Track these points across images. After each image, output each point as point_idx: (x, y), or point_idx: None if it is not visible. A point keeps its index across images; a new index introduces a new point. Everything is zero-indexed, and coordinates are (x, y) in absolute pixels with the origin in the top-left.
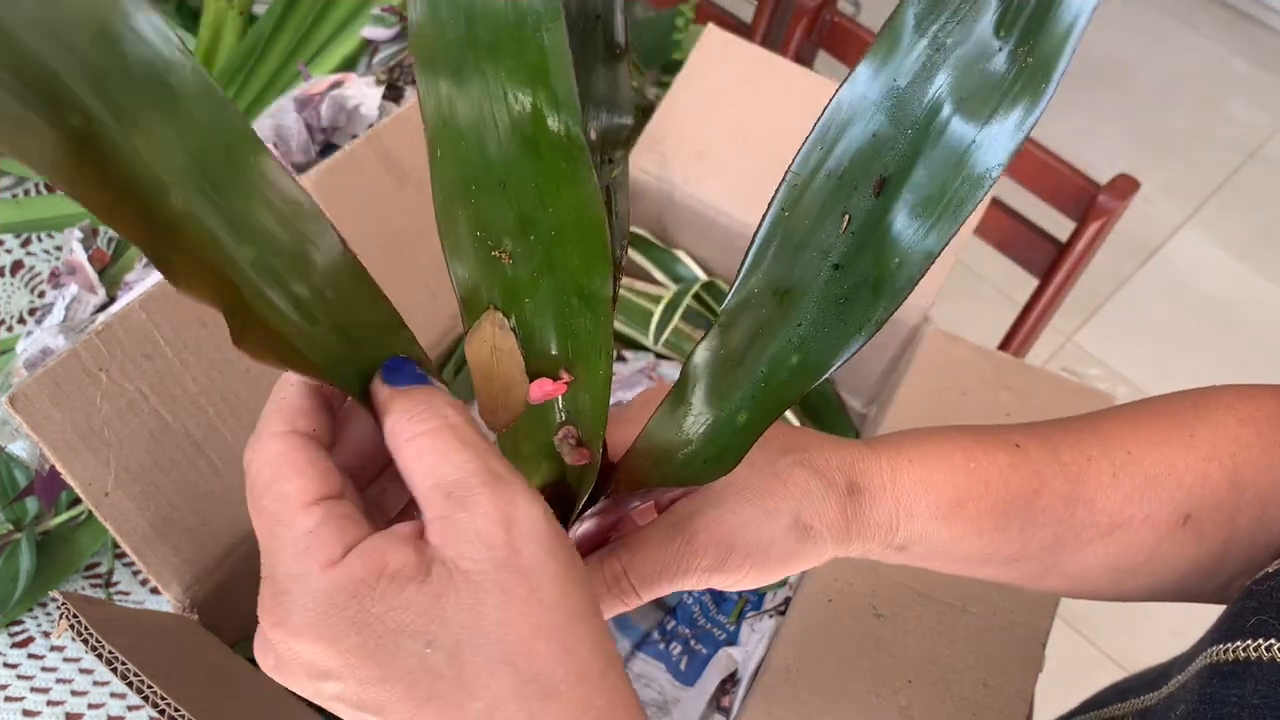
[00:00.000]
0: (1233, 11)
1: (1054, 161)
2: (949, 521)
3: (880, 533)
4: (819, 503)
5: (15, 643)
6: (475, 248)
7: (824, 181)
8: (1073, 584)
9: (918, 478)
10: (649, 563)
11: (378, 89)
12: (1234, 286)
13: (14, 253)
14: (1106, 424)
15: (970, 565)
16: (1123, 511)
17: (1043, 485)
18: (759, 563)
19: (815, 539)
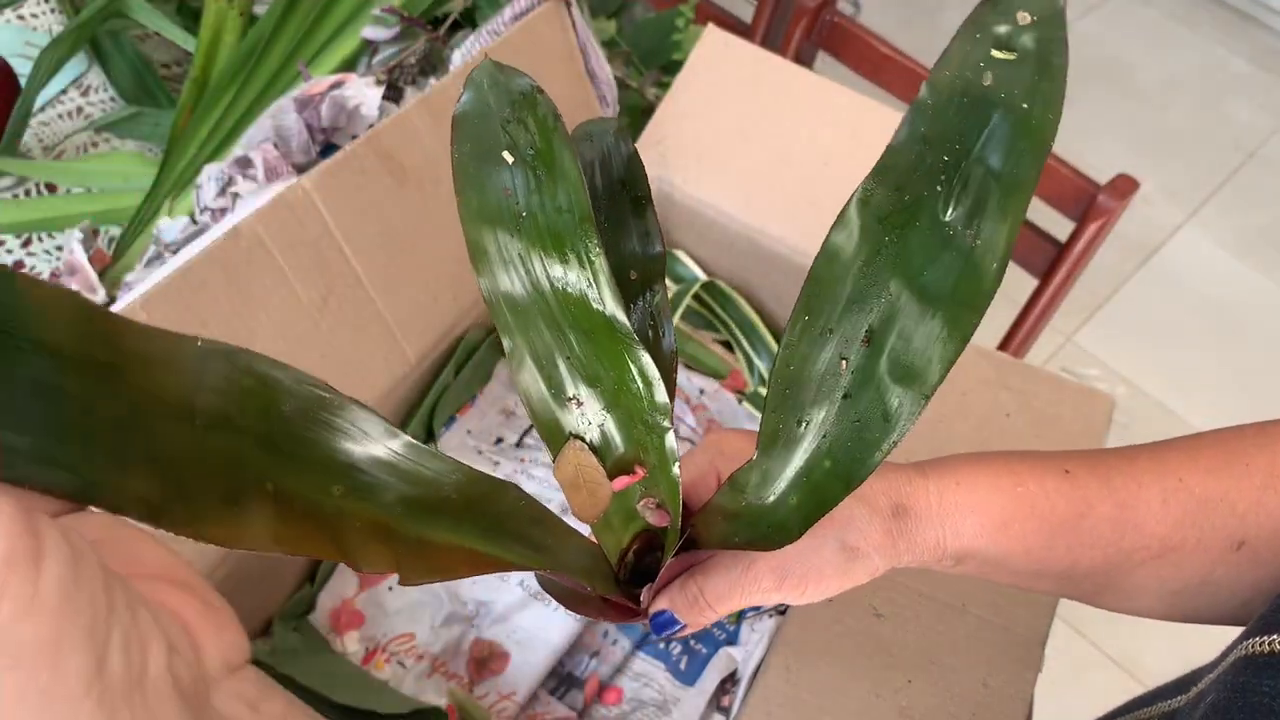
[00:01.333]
0: (1232, 12)
1: (1054, 161)
2: (995, 540)
3: (929, 550)
4: (863, 527)
5: None
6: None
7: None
8: (1131, 603)
9: (964, 501)
10: (720, 584)
11: (378, 89)
12: (1234, 286)
13: (15, 253)
14: (1163, 451)
15: (1026, 579)
16: (1173, 536)
17: (1090, 509)
18: (815, 582)
19: (863, 558)
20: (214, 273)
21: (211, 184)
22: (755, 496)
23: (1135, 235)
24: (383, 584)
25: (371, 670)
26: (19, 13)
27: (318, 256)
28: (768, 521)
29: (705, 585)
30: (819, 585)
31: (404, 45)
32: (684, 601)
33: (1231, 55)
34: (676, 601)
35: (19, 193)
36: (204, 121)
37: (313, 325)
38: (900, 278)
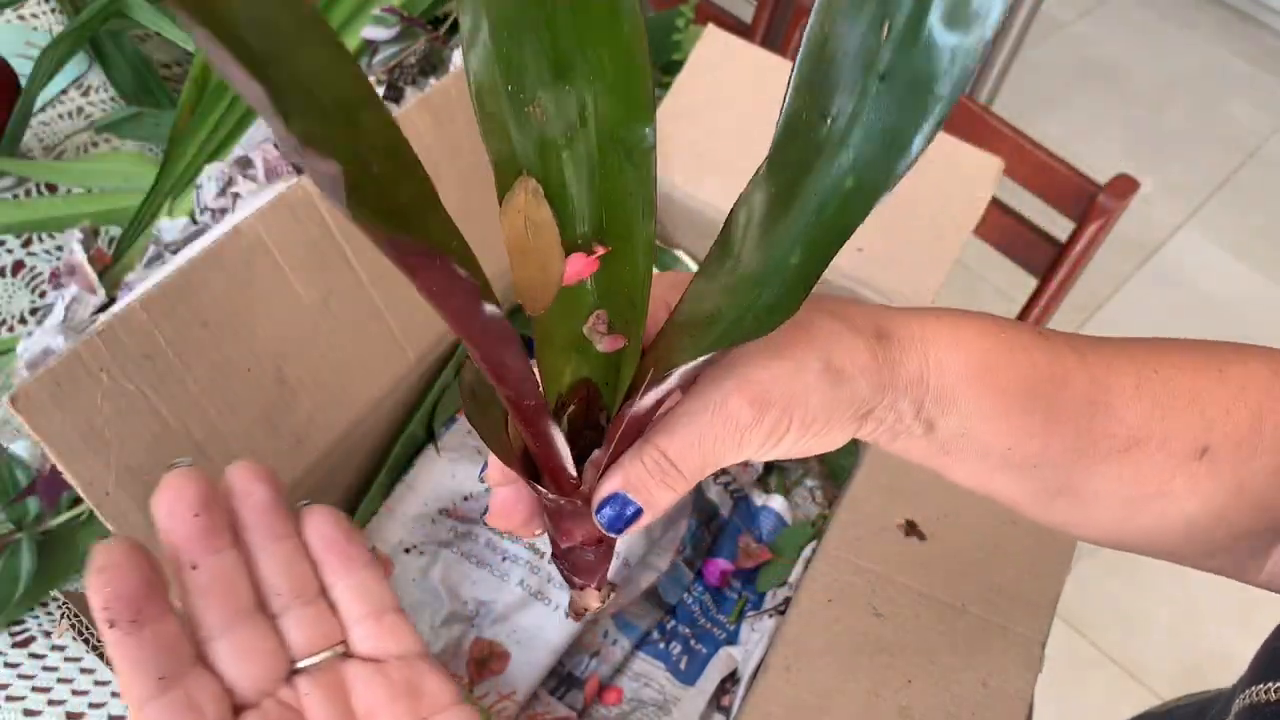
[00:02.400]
0: (1232, 12)
1: (1053, 161)
2: (977, 387)
3: (912, 386)
4: (848, 344)
5: (16, 642)
6: (508, 105)
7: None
8: (1081, 513)
9: (947, 332)
10: (686, 436)
11: (378, 89)
12: (1234, 286)
13: (15, 253)
14: (1134, 345)
15: (989, 467)
16: (1143, 427)
17: (1067, 374)
18: (800, 416)
19: (850, 383)
20: (214, 273)
21: (212, 184)
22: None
23: (1135, 235)
24: None
25: None
26: (19, 13)
27: (318, 256)
28: (756, 304)
29: (666, 443)
30: (804, 415)
31: (404, 45)
32: (639, 473)
33: (1231, 55)
34: (631, 475)
35: (19, 193)
36: (204, 121)
37: (313, 325)
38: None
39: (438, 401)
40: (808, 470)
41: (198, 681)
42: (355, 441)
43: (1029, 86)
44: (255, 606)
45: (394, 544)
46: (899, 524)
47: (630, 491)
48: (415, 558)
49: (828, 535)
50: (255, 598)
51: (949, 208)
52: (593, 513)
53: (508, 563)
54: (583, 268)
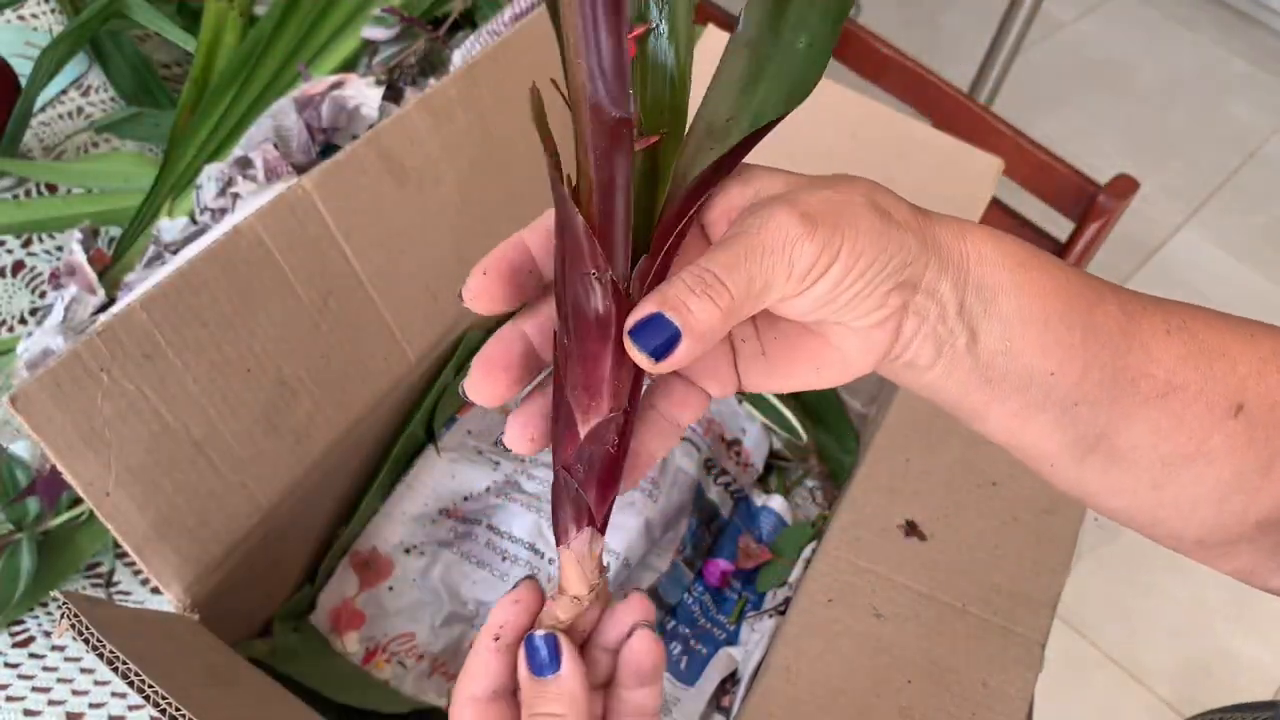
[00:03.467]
0: (1232, 12)
1: (1053, 161)
2: (1016, 279)
3: (954, 262)
4: (891, 200)
5: (16, 642)
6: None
7: None
8: (1116, 473)
9: (980, 228)
10: (733, 250)
11: (378, 89)
12: (1234, 286)
13: (15, 253)
14: (1161, 299)
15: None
16: (1177, 373)
17: (1100, 299)
18: (850, 239)
19: (898, 226)
20: (214, 273)
21: (212, 184)
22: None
23: (1135, 235)
24: (383, 584)
25: (372, 670)
26: (19, 13)
27: (318, 257)
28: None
29: (710, 259)
30: (854, 239)
31: (404, 45)
32: (679, 288)
33: (1231, 55)
34: (669, 291)
35: (19, 193)
36: (204, 122)
37: (313, 325)
38: None
39: (438, 401)
40: (808, 470)
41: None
42: (355, 441)
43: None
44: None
45: (394, 544)
46: (899, 524)
47: (667, 309)
48: (415, 558)
49: (828, 535)
50: None
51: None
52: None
53: (508, 563)
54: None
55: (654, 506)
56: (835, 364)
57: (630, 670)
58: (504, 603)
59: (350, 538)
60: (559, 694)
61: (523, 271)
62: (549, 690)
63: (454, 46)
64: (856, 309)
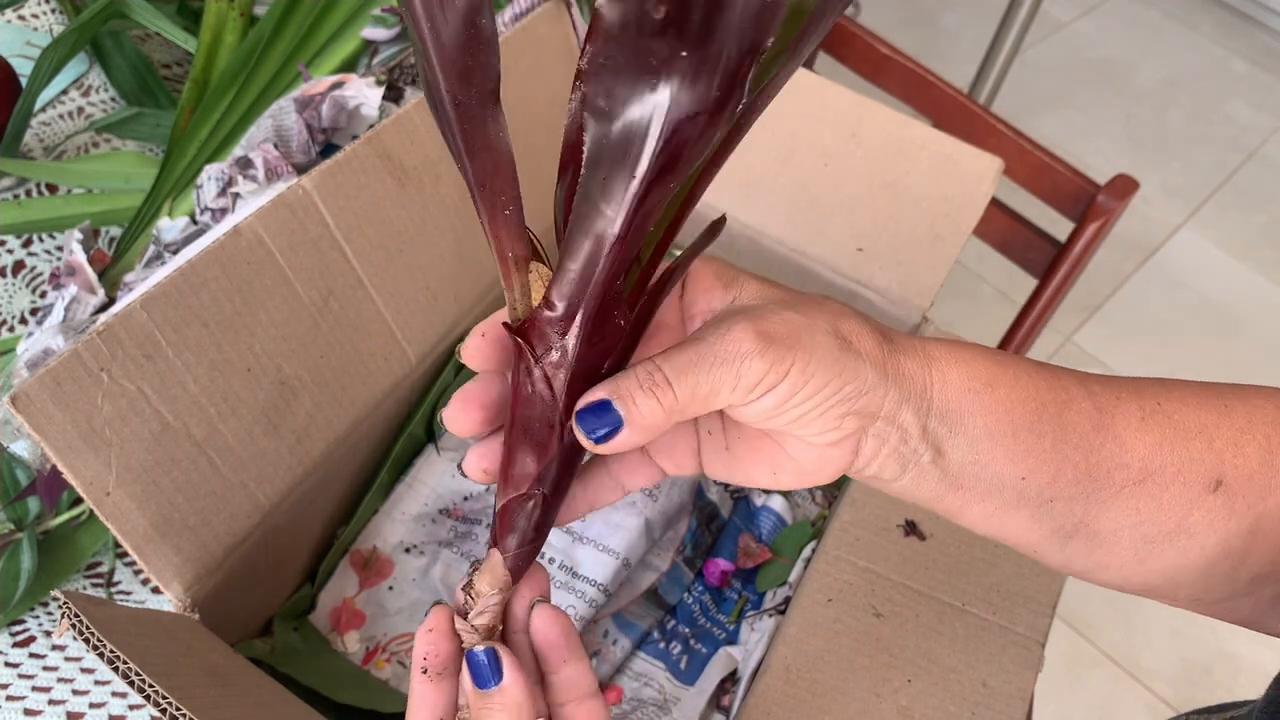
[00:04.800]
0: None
1: (1053, 162)
2: (983, 402)
3: (916, 390)
4: (856, 325)
5: (17, 642)
6: None
7: None
8: (1100, 555)
9: (946, 350)
10: (685, 355)
11: (378, 89)
12: (1233, 286)
13: (15, 253)
14: (1136, 380)
15: (1003, 503)
16: (1153, 458)
17: (1071, 400)
18: (803, 357)
19: (856, 355)
20: (214, 273)
21: (212, 184)
22: None
23: (1135, 235)
24: (383, 584)
25: (372, 670)
26: (20, 13)
27: (318, 257)
28: None
29: (663, 359)
30: (805, 363)
31: (404, 45)
32: (628, 382)
33: (1231, 55)
34: (620, 383)
35: (20, 193)
36: (205, 122)
37: (313, 325)
38: None
39: (438, 401)
40: None
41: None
42: (355, 441)
43: (1029, 86)
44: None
45: (394, 544)
46: (899, 524)
47: (616, 399)
48: (415, 557)
49: (828, 535)
50: None
51: (949, 208)
52: (572, 421)
53: None
54: None
55: (654, 506)
56: (792, 471)
57: (546, 648)
58: (420, 633)
59: (350, 537)
60: (504, 704)
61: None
62: (494, 701)
63: None
64: (809, 427)
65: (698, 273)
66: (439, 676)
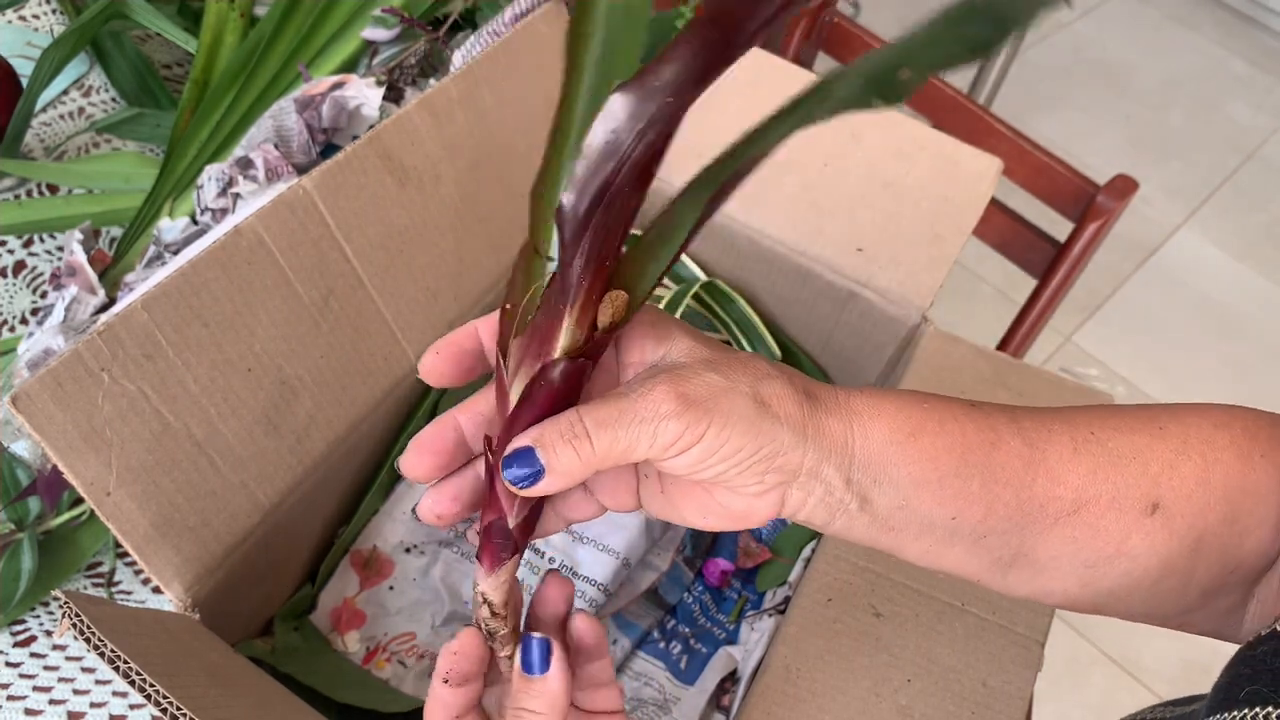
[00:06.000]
0: (1232, 13)
1: (1052, 162)
2: (906, 452)
3: (836, 448)
4: (779, 387)
5: (17, 642)
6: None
7: None
8: (1045, 578)
9: (869, 402)
10: (606, 410)
11: (379, 90)
12: (1233, 287)
13: (16, 253)
14: (1069, 410)
15: (938, 540)
16: (1088, 488)
17: (1000, 440)
18: (720, 420)
19: (773, 419)
20: (215, 273)
21: (212, 184)
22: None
23: (1134, 235)
24: (383, 583)
25: (372, 670)
26: (20, 13)
27: (318, 257)
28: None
29: (586, 410)
30: (721, 427)
31: (404, 46)
32: (552, 431)
33: (1231, 56)
34: (545, 431)
35: (20, 193)
36: (205, 122)
37: (313, 325)
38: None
39: (438, 401)
40: None
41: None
42: (356, 441)
43: (1029, 86)
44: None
45: (394, 543)
46: None
47: (538, 447)
48: (416, 557)
49: (827, 535)
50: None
51: (948, 208)
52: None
53: None
54: None
55: None
56: (721, 515)
57: (581, 649)
58: (446, 653)
59: (351, 537)
60: (542, 693)
61: (470, 355)
62: (534, 688)
63: (454, 47)
64: (730, 480)
65: (633, 323)
66: (460, 686)
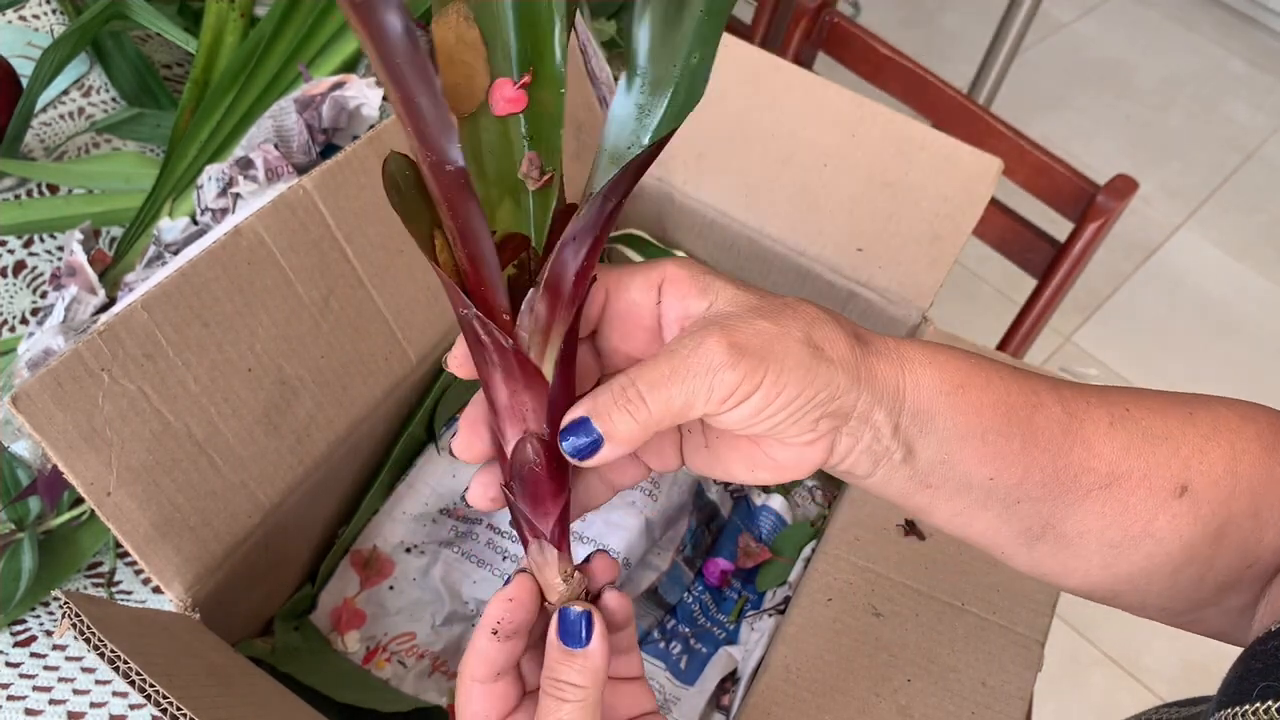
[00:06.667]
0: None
1: (1052, 162)
2: (954, 404)
3: (888, 392)
4: (830, 331)
5: (18, 642)
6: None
7: None
8: (1066, 558)
9: (920, 355)
10: (658, 368)
11: (379, 90)
12: (1232, 287)
13: (16, 253)
14: (1106, 388)
15: (972, 502)
16: (1121, 463)
17: (1041, 404)
18: (775, 367)
19: (828, 362)
20: (215, 273)
21: (212, 184)
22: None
23: (1134, 235)
24: (383, 583)
25: (372, 669)
26: (20, 14)
27: (319, 257)
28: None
29: (638, 373)
30: (778, 374)
31: None
32: (605, 399)
33: (1230, 56)
34: (598, 400)
35: (20, 193)
36: (205, 122)
37: (314, 325)
38: None
39: (438, 401)
40: None
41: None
42: (356, 441)
43: (1029, 86)
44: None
45: (395, 544)
46: (898, 523)
47: (594, 417)
48: (416, 557)
49: (827, 535)
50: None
51: (949, 208)
52: (557, 436)
53: (508, 562)
54: (514, 98)
55: (654, 506)
56: (769, 467)
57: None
58: (499, 599)
59: (351, 537)
60: (584, 667)
61: None
62: (575, 661)
63: None
64: (784, 431)
65: (674, 278)
66: (506, 639)
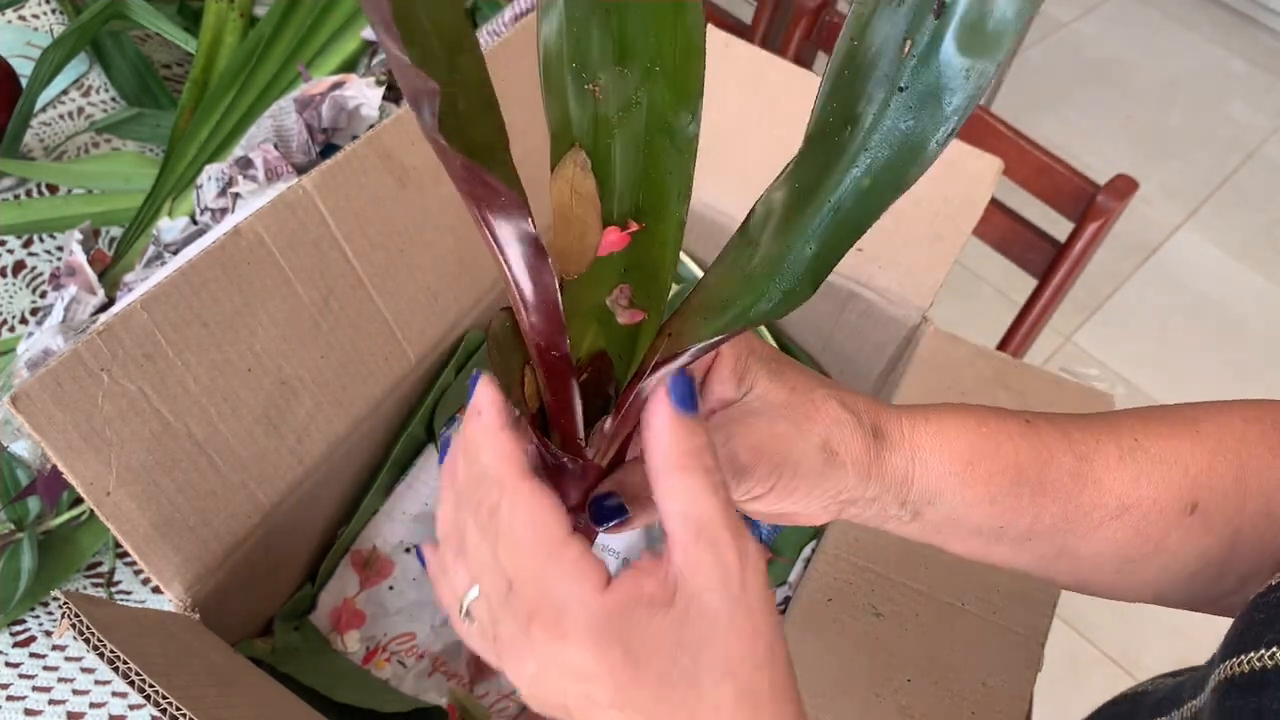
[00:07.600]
0: (1231, 12)
1: (1053, 162)
2: (962, 480)
3: (897, 482)
4: (848, 433)
5: (17, 642)
6: (570, 81)
7: (885, 7)
8: (1084, 573)
9: (933, 433)
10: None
11: (378, 89)
12: (1232, 286)
13: (16, 253)
14: (1115, 417)
15: (984, 542)
16: (1131, 494)
17: (1051, 458)
18: (789, 473)
19: (839, 467)
20: (215, 273)
21: (212, 184)
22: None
23: (1134, 235)
24: (383, 583)
25: (372, 669)
26: (20, 13)
27: (318, 257)
28: (772, 290)
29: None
30: (792, 480)
31: None
32: (639, 477)
33: (1230, 55)
34: (631, 477)
35: (20, 193)
36: (205, 122)
37: (313, 325)
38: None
39: (438, 401)
40: None
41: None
42: (356, 441)
43: (1029, 86)
44: None
45: (394, 544)
46: None
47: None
48: (415, 557)
49: (827, 535)
50: None
51: (949, 208)
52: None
53: None
54: (616, 240)
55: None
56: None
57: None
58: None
59: (350, 537)
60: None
61: None
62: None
63: None
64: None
65: (719, 361)
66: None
